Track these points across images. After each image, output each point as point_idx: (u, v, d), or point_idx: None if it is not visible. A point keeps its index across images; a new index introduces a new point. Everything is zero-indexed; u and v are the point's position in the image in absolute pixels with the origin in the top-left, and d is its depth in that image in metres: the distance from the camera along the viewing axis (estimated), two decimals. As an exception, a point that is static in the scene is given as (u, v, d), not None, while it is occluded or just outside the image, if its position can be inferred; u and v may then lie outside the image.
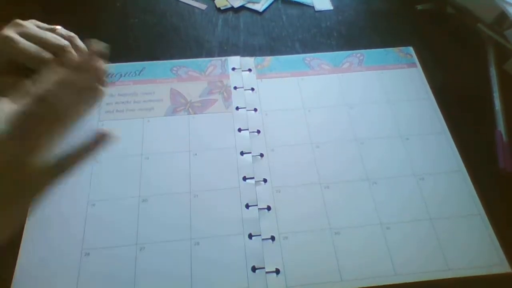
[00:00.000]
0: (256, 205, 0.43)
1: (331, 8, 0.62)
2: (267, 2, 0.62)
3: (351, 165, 0.46)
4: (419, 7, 0.61)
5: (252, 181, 0.44)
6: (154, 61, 0.53)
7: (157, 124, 0.48)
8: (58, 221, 0.41)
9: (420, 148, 0.47)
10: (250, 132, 0.48)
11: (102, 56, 0.34)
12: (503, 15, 0.52)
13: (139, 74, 0.52)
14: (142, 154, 0.46)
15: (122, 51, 0.55)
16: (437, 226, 0.42)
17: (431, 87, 0.52)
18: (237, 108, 0.50)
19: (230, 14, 0.61)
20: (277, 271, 0.39)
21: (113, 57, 0.52)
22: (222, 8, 0.60)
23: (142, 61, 0.53)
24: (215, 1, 0.60)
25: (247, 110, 0.50)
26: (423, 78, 0.53)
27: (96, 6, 0.59)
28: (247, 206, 0.43)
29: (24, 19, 0.35)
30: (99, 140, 0.30)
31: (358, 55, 0.55)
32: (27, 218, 0.41)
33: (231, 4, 0.59)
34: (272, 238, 0.41)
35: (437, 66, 0.55)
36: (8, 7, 0.58)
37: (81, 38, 0.55)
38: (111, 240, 0.40)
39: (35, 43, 0.32)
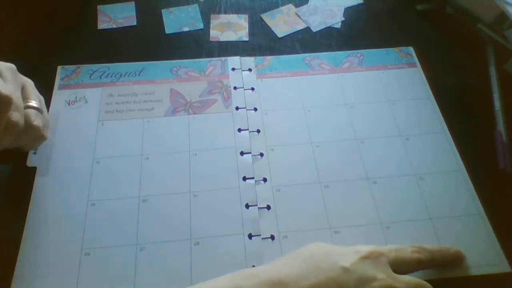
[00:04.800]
0: (256, 205, 0.43)
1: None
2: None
3: (351, 165, 0.46)
4: (419, 7, 0.61)
5: (252, 181, 0.44)
6: (154, 61, 0.53)
7: (157, 124, 0.48)
8: (58, 221, 0.41)
9: (420, 147, 0.47)
10: (250, 131, 0.48)
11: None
12: (503, 15, 0.52)
13: (139, 74, 0.52)
14: (142, 154, 0.46)
15: (122, 51, 0.55)
16: (437, 225, 0.42)
17: (431, 87, 0.52)
18: (237, 108, 0.50)
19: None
20: (277, 271, 0.39)
21: (113, 58, 0.53)
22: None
23: (142, 61, 0.53)
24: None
25: (247, 110, 0.50)
26: (423, 78, 0.53)
27: (95, 6, 0.59)
28: (247, 206, 0.43)
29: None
30: None
31: (358, 55, 0.55)
32: (26, 218, 0.41)
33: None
34: (272, 237, 0.41)
35: (437, 66, 0.55)
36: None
37: (81, 39, 0.56)
38: (111, 240, 0.40)
39: None
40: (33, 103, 0.41)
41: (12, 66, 0.41)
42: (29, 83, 0.43)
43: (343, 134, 0.48)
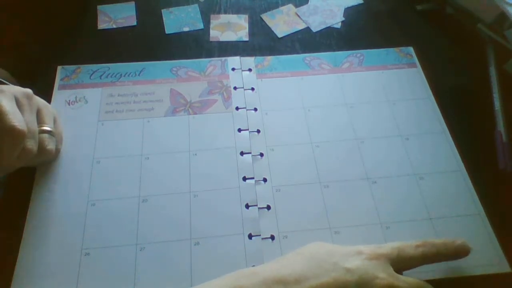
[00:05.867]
0: (256, 205, 0.43)
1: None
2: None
3: (351, 165, 0.46)
4: (419, 7, 0.61)
5: (252, 181, 0.44)
6: (154, 61, 0.53)
7: (157, 124, 0.48)
8: (58, 221, 0.41)
9: (420, 148, 0.47)
10: (250, 131, 0.48)
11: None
12: (503, 15, 0.52)
13: (139, 75, 0.52)
14: (142, 154, 0.46)
15: (122, 51, 0.55)
16: (437, 226, 0.42)
17: (431, 87, 0.52)
18: (237, 108, 0.50)
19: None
20: (277, 271, 0.39)
21: (113, 58, 0.53)
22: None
23: (142, 61, 0.53)
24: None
25: (247, 110, 0.50)
26: (423, 78, 0.53)
27: (95, 6, 0.59)
28: (247, 206, 0.43)
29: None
30: None
31: (358, 55, 0.55)
32: (26, 218, 0.41)
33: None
34: (272, 237, 0.41)
35: (437, 66, 0.55)
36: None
37: (81, 39, 0.56)
38: (111, 240, 0.40)
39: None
40: (46, 128, 0.42)
41: (28, 91, 0.41)
42: (43, 105, 0.43)
43: (343, 134, 0.48)
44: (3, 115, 0.36)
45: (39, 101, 0.43)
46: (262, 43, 0.57)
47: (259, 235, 0.41)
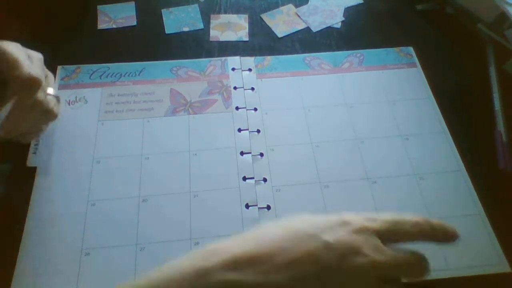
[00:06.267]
0: (256, 205, 0.43)
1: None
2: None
3: (351, 165, 0.46)
4: (419, 7, 0.61)
5: (252, 181, 0.44)
6: (154, 61, 0.53)
7: (157, 124, 0.48)
8: (58, 221, 0.41)
9: (420, 147, 0.47)
10: (250, 131, 0.48)
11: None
12: (503, 15, 0.52)
13: (139, 75, 0.52)
14: (142, 154, 0.46)
15: (122, 51, 0.55)
16: (437, 226, 0.42)
17: (431, 87, 0.52)
18: (237, 108, 0.50)
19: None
20: (277, 271, 0.39)
21: (113, 58, 0.53)
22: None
23: (142, 61, 0.53)
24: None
25: (247, 110, 0.50)
26: (423, 78, 0.53)
27: (95, 6, 0.59)
28: (247, 206, 0.43)
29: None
30: None
31: (358, 55, 0.55)
32: (26, 218, 0.41)
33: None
34: (272, 238, 0.41)
35: (437, 66, 0.55)
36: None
37: (81, 39, 0.56)
38: (111, 240, 0.40)
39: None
40: (53, 91, 0.44)
41: (40, 55, 0.43)
42: (50, 74, 0.45)
43: (343, 134, 0.48)
44: (20, 63, 0.38)
45: (47, 70, 0.45)
46: (262, 43, 0.57)
47: (259, 235, 0.41)
